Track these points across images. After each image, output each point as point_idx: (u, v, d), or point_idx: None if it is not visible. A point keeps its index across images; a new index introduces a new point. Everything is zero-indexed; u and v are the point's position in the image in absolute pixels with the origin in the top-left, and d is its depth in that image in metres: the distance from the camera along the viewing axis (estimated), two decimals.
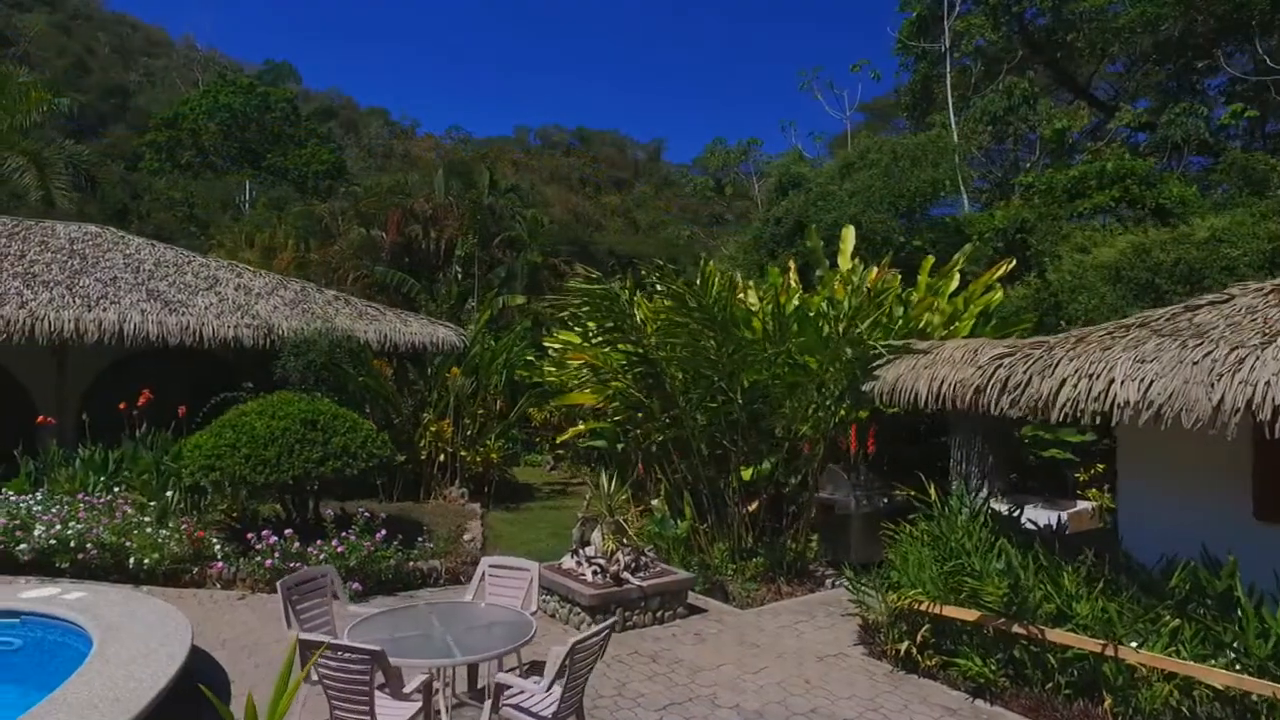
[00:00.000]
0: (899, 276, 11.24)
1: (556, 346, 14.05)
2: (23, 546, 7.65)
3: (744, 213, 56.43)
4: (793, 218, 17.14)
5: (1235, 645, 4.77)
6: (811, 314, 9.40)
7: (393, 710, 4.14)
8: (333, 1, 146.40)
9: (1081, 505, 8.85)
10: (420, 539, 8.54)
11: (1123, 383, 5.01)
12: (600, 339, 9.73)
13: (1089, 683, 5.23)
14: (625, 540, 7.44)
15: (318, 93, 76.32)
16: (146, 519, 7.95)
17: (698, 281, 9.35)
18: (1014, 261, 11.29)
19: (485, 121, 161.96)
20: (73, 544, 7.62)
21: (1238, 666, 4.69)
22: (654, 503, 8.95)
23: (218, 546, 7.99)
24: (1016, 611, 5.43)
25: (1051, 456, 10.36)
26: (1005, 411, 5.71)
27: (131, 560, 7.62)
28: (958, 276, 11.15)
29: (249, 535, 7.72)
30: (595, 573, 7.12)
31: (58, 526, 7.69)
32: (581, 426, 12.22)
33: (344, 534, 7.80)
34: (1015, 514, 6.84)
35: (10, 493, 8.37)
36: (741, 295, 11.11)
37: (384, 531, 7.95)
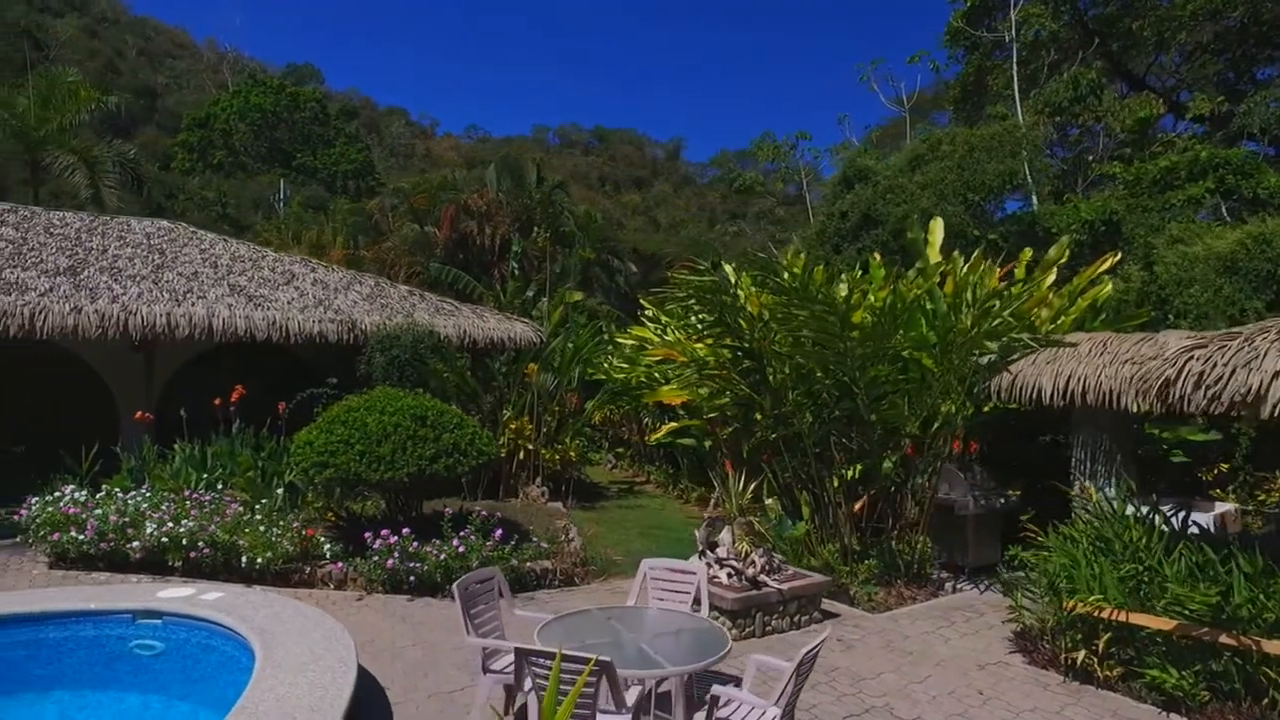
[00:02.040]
0: (997, 271, 10.89)
1: (630, 343, 13.80)
2: (134, 544, 7.47)
3: (768, 211, 56.06)
4: (859, 211, 16.78)
5: None
6: (928, 307, 9.04)
7: None
8: (349, 2, 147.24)
9: (1222, 507, 8.46)
10: (534, 539, 8.28)
11: None
12: (704, 332, 9.43)
13: None
14: (757, 541, 7.14)
15: (338, 93, 76.75)
16: (258, 517, 7.74)
17: (786, 275, 9.01)
18: (1119, 255, 10.87)
19: (504, 120, 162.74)
20: (184, 542, 7.42)
21: None
22: (768, 502, 8.63)
23: (327, 546, 7.77)
24: (1226, 620, 5.08)
25: (1164, 455, 9.97)
26: (1200, 407, 5.36)
27: (244, 559, 7.41)
28: (1055, 270, 10.78)
29: (366, 534, 7.48)
30: (730, 575, 6.82)
31: (169, 524, 7.50)
32: (674, 424, 11.92)
33: (461, 533, 7.55)
34: (1183, 515, 6.47)
35: (117, 490, 8.19)
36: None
37: (500, 531, 7.69)
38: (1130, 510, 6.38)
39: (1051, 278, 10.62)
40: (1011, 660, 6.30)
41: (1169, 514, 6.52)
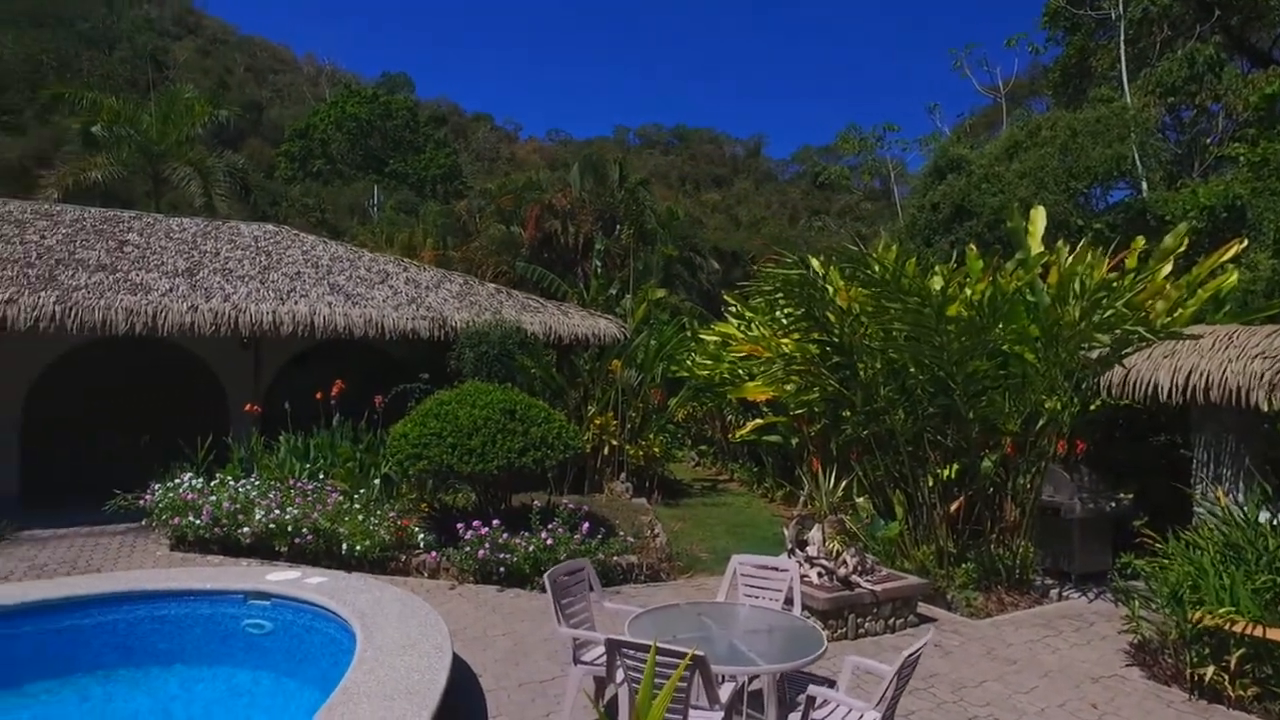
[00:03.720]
0: (1106, 261, 10.25)
1: (713, 339, 13.70)
2: (245, 529, 7.89)
3: (852, 206, 54.70)
4: (951, 203, 16.14)
5: None
6: (1030, 299, 8.59)
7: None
8: (436, 12, 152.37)
9: None
10: (620, 534, 8.31)
11: None
12: (790, 327, 9.24)
13: None
14: (848, 541, 6.94)
15: (428, 101, 79.22)
16: (357, 506, 8.05)
17: (877, 267, 8.70)
18: (1245, 242, 10.05)
19: (585, 122, 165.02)
20: (290, 529, 7.79)
21: None
22: (859, 501, 8.39)
23: (420, 536, 8.01)
24: None
25: None
26: None
27: (344, 546, 7.72)
28: (1172, 260, 10.05)
29: (458, 525, 7.67)
30: (820, 575, 6.64)
31: (276, 511, 7.89)
32: (759, 421, 11.76)
33: (549, 526, 7.65)
34: None
35: (229, 478, 8.69)
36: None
37: (587, 525, 7.75)
38: (1264, 516, 5.87)
39: (1168, 268, 9.91)
40: (1128, 674, 5.90)
41: None
